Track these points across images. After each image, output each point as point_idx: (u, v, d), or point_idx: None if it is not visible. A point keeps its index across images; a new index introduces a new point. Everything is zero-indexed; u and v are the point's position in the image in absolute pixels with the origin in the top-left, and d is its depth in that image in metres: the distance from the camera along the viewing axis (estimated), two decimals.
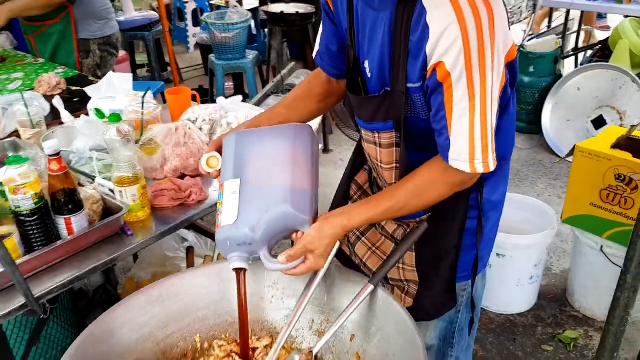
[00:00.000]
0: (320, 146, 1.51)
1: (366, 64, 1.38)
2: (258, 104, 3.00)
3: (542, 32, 5.26)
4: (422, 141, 1.34)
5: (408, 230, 1.52)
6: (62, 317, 2.16)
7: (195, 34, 6.32)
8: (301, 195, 1.30)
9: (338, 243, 1.40)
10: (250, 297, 1.44)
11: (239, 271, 1.32)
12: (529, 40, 4.54)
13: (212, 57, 4.76)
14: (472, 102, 1.16)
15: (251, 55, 4.78)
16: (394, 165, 1.43)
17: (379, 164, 1.46)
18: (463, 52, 1.14)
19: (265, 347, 1.42)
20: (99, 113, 1.96)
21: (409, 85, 1.26)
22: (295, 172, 1.32)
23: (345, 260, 1.74)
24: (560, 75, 4.42)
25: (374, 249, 1.65)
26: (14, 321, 1.90)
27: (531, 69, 4.39)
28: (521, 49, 4.41)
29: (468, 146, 1.21)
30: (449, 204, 1.44)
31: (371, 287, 1.34)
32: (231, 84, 5.31)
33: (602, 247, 2.49)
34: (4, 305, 1.50)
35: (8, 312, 1.49)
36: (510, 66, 1.27)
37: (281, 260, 1.29)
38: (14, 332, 1.87)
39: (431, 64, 1.18)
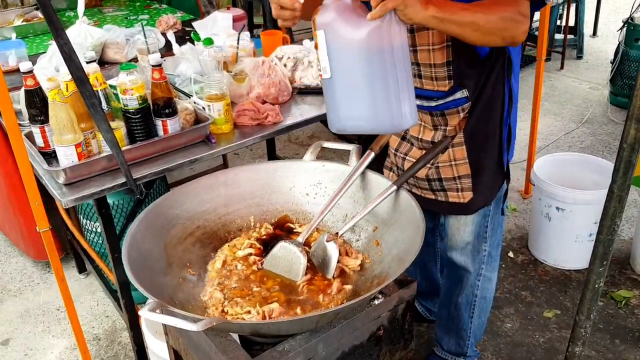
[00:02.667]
0: None
1: None
2: None
3: None
4: None
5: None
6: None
7: None
8: None
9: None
10: (297, 192, 1.75)
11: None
12: None
13: None
14: None
15: None
16: (445, 44, 1.63)
17: (431, 46, 1.66)
18: None
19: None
20: (196, 35, 2.32)
21: None
22: None
23: None
24: None
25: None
26: (118, 200, 2.34)
27: (638, 43, 4.26)
28: (630, 21, 4.28)
29: None
30: (490, 93, 1.71)
31: (394, 187, 1.58)
32: None
33: None
34: (110, 181, 1.91)
35: (112, 186, 1.90)
36: None
37: None
38: (118, 207, 2.32)
39: None
